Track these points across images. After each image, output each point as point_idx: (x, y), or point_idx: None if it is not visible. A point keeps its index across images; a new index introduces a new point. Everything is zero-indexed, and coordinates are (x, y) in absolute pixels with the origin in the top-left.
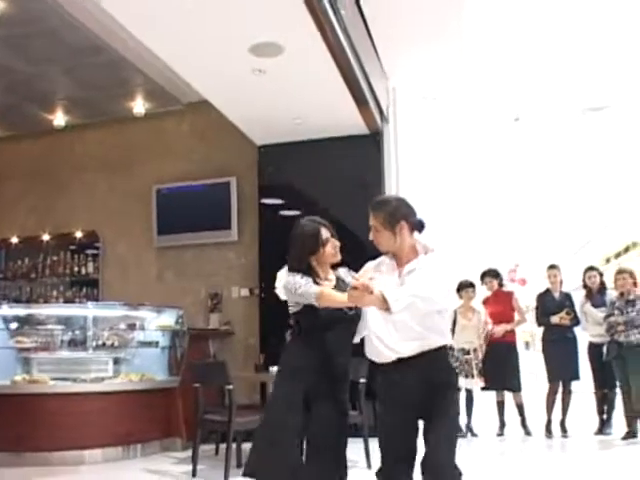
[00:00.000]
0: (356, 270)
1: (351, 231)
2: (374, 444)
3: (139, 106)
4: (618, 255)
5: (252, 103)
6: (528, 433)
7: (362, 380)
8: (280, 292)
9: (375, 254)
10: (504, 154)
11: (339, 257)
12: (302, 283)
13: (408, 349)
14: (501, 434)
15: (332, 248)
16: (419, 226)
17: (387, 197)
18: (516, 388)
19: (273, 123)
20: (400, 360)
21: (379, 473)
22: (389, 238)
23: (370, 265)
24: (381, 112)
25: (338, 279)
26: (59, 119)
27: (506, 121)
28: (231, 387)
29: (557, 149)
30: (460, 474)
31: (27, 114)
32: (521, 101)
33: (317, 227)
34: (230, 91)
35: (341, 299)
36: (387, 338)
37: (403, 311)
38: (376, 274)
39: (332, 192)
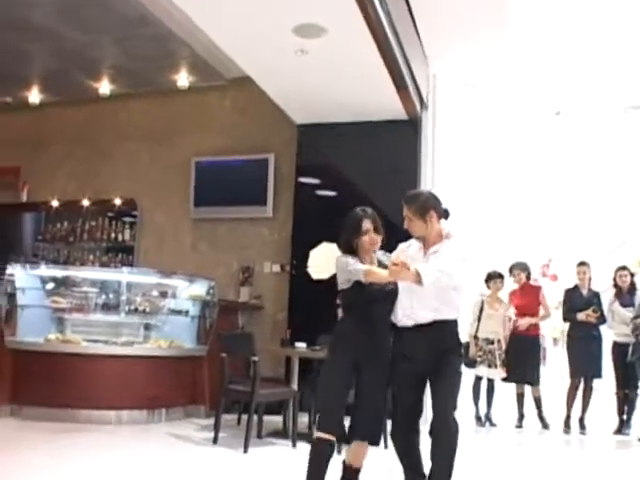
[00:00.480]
0: (389, 249)
1: (385, 214)
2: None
3: (183, 79)
4: None
5: (293, 82)
6: (545, 426)
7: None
8: (312, 271)
9: (406, 235)
10: (543, 147)
11: (375, 248)
12: (352, 262)
13: (425, 318)
14: (520, 426)
15: (369, 239)
16: (445, 214)
17: (418, 191)
18: (535, 382)
19: (313, 103)
20: (418, 326)
21: (393, 432)
22: (421, 226)
23: (402, 246)
24: (421, 98)
25: (378, 260)
26: (104, 87)
27: (547, 114)
28: (256, 359)
29: (597, 146)
30: (457, 427)
31: (73, 81)
32: (563, 95)
33: (360, 217)
34: (272, 69)
35: (384, 275)
36: (409, 308)
37: (431, 284)
38: (406, 254)
39: (368, 175)
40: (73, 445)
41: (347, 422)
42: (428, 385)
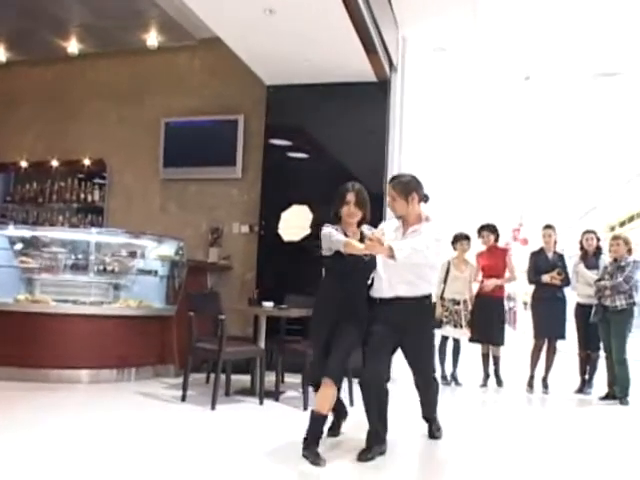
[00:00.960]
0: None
1: (354, 174)
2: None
3: (152, 39)
4: (622, 224)
5: (262, 42)
6: (499, 383)
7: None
8: (283, 233)
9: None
10: (512, 112)
11: (353, 220)
12: (335, 233)
13: (402, 290)
14: (484, 385)
15: (347, 211)
16: (425, 198)
17: (403, 174)
18: (499, 342)
19: (282, 64)
20: (394, 298)
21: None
22: (403, 205)
23: (384, 225)
24: (390, 61)
25: (362, 233)
26: (73, 46)
27: (516, 79)
28: (223, 317)
29: (567, 112)
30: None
31: (41, 40)
32: (532, 60)
33: (345, 190)
34: (241, 29)
35: (361, 248)
36: (386, 280)
37: (404, 259)
38: (387, 231)
39: (338, 136)
40: (43, 404)
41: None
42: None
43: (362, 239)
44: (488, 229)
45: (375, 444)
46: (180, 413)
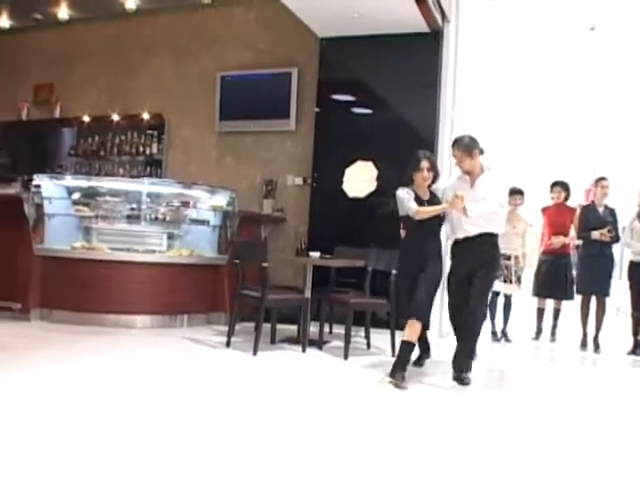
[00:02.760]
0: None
1: (410, 125)
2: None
3: None
4: None
5: None
6: (553, 338)
7: (394, 272)
8: (348, 189)
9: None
10: (576, 65)
11: (426, 184)
12: (407, 198)
13: (472, 231)
14: (536, 339)
15: (421, 177)
16: (481, 151)
17: (462, 136)
18: (566, 297)
19: (334, 16)
20: (466, 238)
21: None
22: (468, 162)
23: (449, 181)
24: (442, 11)
25: (431, 192)
26: (130, 3)
27: (580, 30)
28: (266, 264)
29: (635, 64)
30: (485, 316)
31: None
32: (598, 9)
33: (420, 157)
34: None
35: (431, 210)
36: (462, 225)
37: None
38: (451, 183)
39: (390, 88)
40: (94, 345)
41: None
42: None
43: (432, 198)
44: (561, 185)
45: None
46: (222, 357)
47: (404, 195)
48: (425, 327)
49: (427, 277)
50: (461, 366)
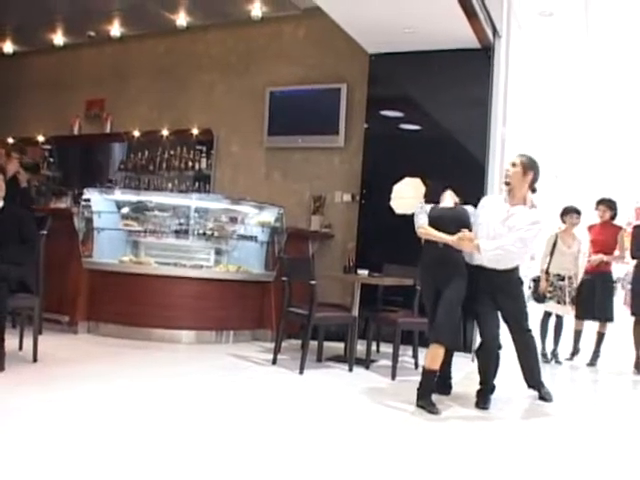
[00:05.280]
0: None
1: (460, 141)
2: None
3: (257, 9)
4: None
5: (363, 10)
6: (593, 363)
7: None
8: (395, 206)
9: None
10: (631, 82)
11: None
12: (418, 211)
13: (484, 264)
14: (570, 359)
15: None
16: (534, 190)
17: (532, 157)
18: (605, 318)
19: (383, 32)
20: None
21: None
22: (518, 175)
23: (484, 199)
24: (494, 27)
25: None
26: (181, 19)
27: (635, 45)
28: (314, 282)
29: None
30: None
31: (151, 13)
32: None
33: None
34: None
35: (434, 235)
36: (478, 257)
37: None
38: (486, 205)
39: (440, 104)
40: (138, 360)
41: None
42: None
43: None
44: (605, 204)
45: (489, 396)
46: (268, 375)
47: (419, 210)
48: (450, 350)
49: (448, 297)
50: (535, 379)
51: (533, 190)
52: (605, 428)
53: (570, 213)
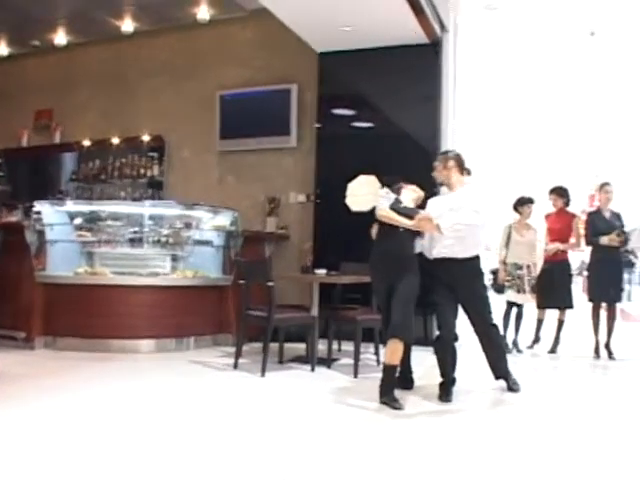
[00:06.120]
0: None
1: (412, 136)
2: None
3: (203, 12)
4: None
5: (307, 8)
6: (553, 351)
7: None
8: (350, 203)
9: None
10: (576, 71)
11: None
12: (383, 196)
13: (440, 254)
14: (530, 347)
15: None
16: (468, 171)
17: (448, 150)
18: (565, 305)
19: (330, 30)
20: (443, 259)
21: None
22: (440, 171)
23: (432, 199)
24: (440, 21)
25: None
26: (127, 25)
27: (580, 35)
28: (271, 284)
29: (635, 69)
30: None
31: (96, 20)
32: (598, 14)
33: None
34: None
35: (395, 218)
36: (432, 244)
37: (450, 232)
38: (435, 203)
39: (391, 100)
40: (98, 372)
41: None
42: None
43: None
44: (556, 192)
45: (451, 389)
46: (229, 380)
47: (384, 195)
48: (408, 344)
49: (402, 294)
50: (502, 371)
51: (468, 173)
52: (568, 413)
53: (527, 204)
